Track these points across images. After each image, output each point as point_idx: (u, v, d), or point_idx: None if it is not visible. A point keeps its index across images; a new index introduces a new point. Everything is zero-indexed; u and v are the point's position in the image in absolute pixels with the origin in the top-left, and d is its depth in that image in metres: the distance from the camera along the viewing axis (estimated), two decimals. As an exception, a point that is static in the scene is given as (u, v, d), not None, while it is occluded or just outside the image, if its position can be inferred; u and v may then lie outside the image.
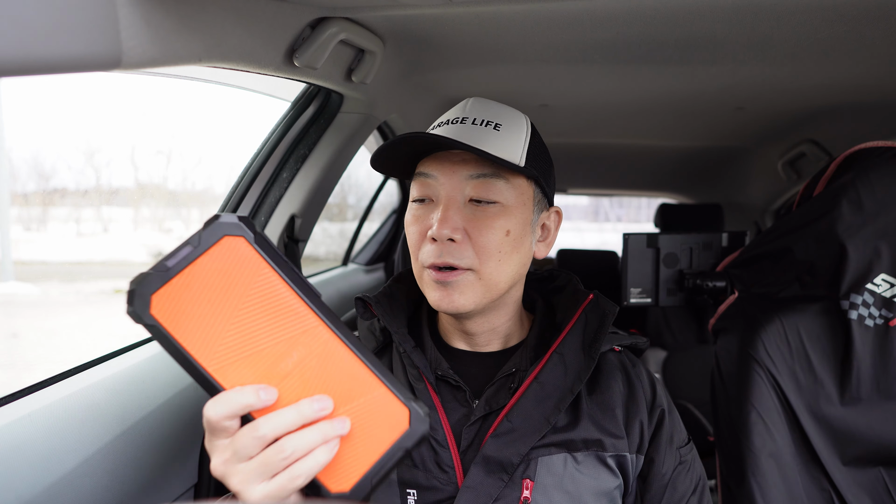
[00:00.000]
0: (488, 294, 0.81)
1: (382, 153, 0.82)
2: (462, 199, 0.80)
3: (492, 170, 0.80)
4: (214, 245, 0.51)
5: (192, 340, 0.51)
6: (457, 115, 0.85)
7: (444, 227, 0.77)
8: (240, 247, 0.51)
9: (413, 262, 0.85)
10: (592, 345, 0.84)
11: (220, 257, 0.51)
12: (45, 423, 0.88)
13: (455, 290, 0.79)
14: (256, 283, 0.51)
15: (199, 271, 0.51)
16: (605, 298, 0.90)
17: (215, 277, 0.51)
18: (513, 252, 0.82)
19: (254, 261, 0.52)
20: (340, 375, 0.53)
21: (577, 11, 1.01)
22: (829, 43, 1.14)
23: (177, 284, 0.50)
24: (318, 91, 1.39)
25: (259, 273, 0.52)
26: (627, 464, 0.83)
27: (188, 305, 0.50)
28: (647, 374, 0.91)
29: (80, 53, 0.55)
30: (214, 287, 0.51)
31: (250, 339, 0.51)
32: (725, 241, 1.60)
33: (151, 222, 5.25)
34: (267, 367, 0.52)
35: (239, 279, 0.51)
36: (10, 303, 3.70)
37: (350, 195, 3.03)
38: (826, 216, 1.13)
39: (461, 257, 0.78)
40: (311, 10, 0.94)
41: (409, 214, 0.85)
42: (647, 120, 2.02)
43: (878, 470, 1.11)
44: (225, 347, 0.51)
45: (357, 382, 0.53)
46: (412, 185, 0.85)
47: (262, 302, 0.52)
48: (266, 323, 0.52)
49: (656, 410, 0.87)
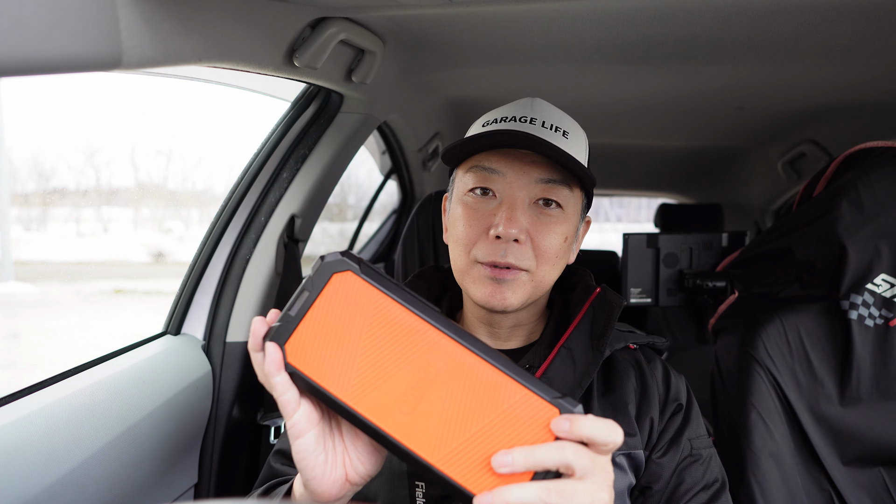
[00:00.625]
0: (535, 294, 0.83)
1: (461, 144, 0.80)
2: (528, 201, 0.80)
3: (561, 176, 0.80)
4: (327, 285, 0.54)
5: (328, 379, 0.53)
6: (524, 113, 0.84)
7: (511, 226, 0.77)
8: (350, 281, 0.54)
9: (460, 254, 0.83)
10: (600, 338, 0.84)
11: (335, 295, 0.54)
12: (45, 423, 0.88)
13: (508, 289, 0.79)
14: (374, 312, 0.54)
15: (319, 313, 0.54)
16: (613, 292, 0.90)
17: (335, 315, 0.54)
18: (564, 257, 0.84)
19: (366, 291, 0.54)
20: (478, 385, 0.52)
21: (577, 11, 1.01)
22: (829, 43, 1.14)
23: (304, 330, 0.54)
24: (318, 91, 1.39)
25: (373, 301, 0.54)
26: (639, 461, 0.83)
27: (318, 347, 0.54)
28: (663, 370, 0.90)
29: (80, 53, 0.55)
30: (337, 324, 0.54)
31: (381, 365, 0.53)
32: (725, 241, 1.60)
33: (151, 222, 5.25)
34: (404, 390, 0.53)
35: (357, 311, 0.54)
36: (10, 303, 3.70)
37: (350, 195, 3.03)
38: (826, 216, 1.13)
39: (522, 258, 0.79)
40: (311, 10, 0.94)
41: (462, 206, 0.83)
42: (647, 120, 2.02)
43: (878, 470, 1.11)
44: (360, 379, 0.53)
45: (496, 389, 0.52)
46: (468, 176, 0.83)
47: (384, 328, 0.54)
48: (392, 347, 0.53)
49: (670, 406, 0.87)
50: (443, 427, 0.52)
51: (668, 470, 0.83)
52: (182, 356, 1.27)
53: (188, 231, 5.64)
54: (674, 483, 0.83)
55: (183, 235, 5.46)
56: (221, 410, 1.35)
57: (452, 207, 0.87)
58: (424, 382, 0.53)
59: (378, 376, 0.53)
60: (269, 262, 1.41)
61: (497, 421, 0.51)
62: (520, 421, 0.51)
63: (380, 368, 0.53)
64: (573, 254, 0.90)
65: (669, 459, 0.83)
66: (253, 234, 1.39)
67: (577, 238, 0.90)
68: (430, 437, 0.52)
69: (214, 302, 1.37)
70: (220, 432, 1.35)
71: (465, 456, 0.51)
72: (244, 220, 1.38)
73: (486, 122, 0.85)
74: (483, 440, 0.51)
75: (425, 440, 0.52)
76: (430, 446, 0.51)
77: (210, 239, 1.37)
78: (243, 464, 1.40)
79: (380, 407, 0.52)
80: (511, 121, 0.83)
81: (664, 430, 0.85)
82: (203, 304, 1.37)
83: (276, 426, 1.40)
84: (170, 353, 1.25)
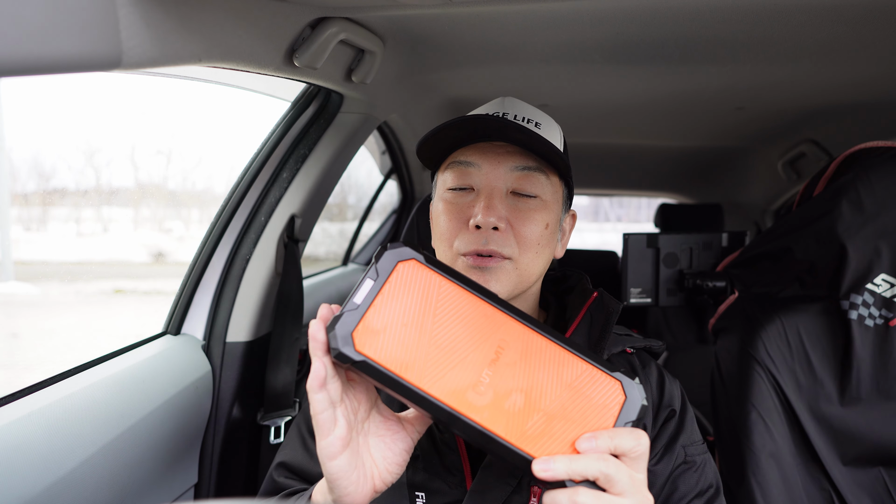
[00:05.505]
0: (520, 284, 0.82)
1: (433, 136, 0.81)
2: (505, 190, 0.81)
3: (536, 163, 0.81)
4: (392, 272, 0.55)
5: (402, 366, 0.53)
6: (496, 110, 0.85)
7: (490, 214, 0.78)
8: (415, 269, 0.56)
9: (444, 249, 0.84)
10: (598, 344, 0.84)
11: (401, 282, 0.55)
12: (45, 423, 0.88)
13: (493, 277, 0.79)
14: (441, 298, 0.55)
15: (386, 300, 0.54)
16: (610, 296, 0.89)
17: (403, 302, 0.55)
18: (547, 246, 0.84)
19: (432, 278, 0.56)
20: (544, 363, 0.55)
21: (577, 11, 1.01)
22: (829, 43, 1.14)
23: (371, 318, 0.54)
24: (318, 91, 1.39)
25: (440, 288, 0.55)
26: None
27: (387, 334, 0.54)
28: (658, 374, 0.89)
29: (80, 53, 0.55)
30: (405, 311, 0.54)
31: (452, 349, 0.54)
32: (725, 241, 1.60)
33: (151, 222, 5.25)
34: (475, 372, 0.54)
35: (424, 298, 0.55)
36: (10, 303, 3.70)
37: (350, 195, 3.03)
38: (826, 216, 1.13)
39: (504, 245, 0.79)
40: (311, 10, 0.94)
41: (442, 203, 0.84)
42: (647, 120, 2.02)
43: (878, 470, 1.11)
44: (433, 364, 0.54)
45: (561, 366, 0.55)
46: (447, 174, 0.85)
47: (452, 313, 0.55)
48: (461, 331, 0.55)
49: (663, 411, 0.85)
50: (518, 406, 0.54)
51: (662, 478, 0.82)
52: (182, 356, 1.27)
53: (188, 231, 5.63)
54: (667, 491, 0.81)
55: (183, 235, 5.46)
56: (221, 410, 1.35)
57: (434, 206, 0.88)
58: (496, 363, 0.54)
59: (449, 360, 0.54)
60: (269, 262, 1.41)
61: (568, 396, 0.54)
62: (588, 395, 0.54)
63: (450, 352, 0.54)
64: (560, 247, 0.90)
65: (663, 467, 0.82)
66: (253, 234, 1.39)
67: (563, 231, 0.90)
68: (507, 417, 0.53)
69: (214, 302, 1.37)
70: (220, 432, 1.35)
71: (543, 431, 0.53)
72: (244, 220, 1.38)
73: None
74: (557, 415, 0.54)
75: (503, 420, 0.53)
76: (508, 426, 0.53)
77: (210, 239, 1.37)
78: (243, 464, 1.40)
79: (454, 390, 0.53)
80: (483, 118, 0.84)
81: (657, 436, 0.84)
82: (203, 304, 1.37)
83: (276, 426, 1.40)
84: (170, 353, 1.25)
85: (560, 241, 0.90)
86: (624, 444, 0.53)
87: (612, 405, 0.54)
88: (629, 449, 0.53)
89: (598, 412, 0.54)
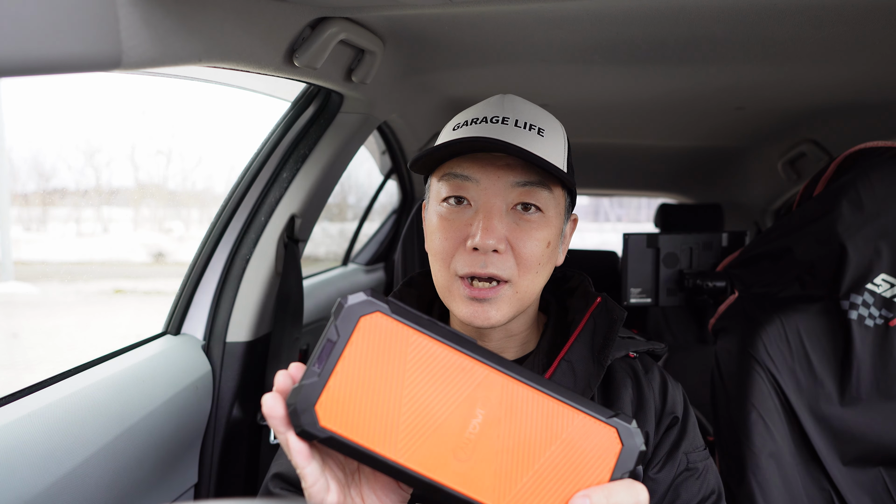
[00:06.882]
0: (521, 307, 0.79)
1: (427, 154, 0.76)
2: (504, 208, 0.76)
3: (538, 178, 0.76)
4: (354, 330, 0.48)
5: (373, 438, 0.47)
6: (495, 112, 0.79)
7: (489, 237, 0.73)
8: (380, 323, 0.49)
9: (440, 269, 0.79)
10: (602, 351, 0.82)
11: (366, 340, 0.48)
12: (45, 423, 0.88)
13: (492, 307, 0.76)
14: (412, 353, 0.49)
15: (350, 363, 0.48)
16: (614, 302, 0.87)
17: (369, 363, 0.48)
18: (548, 263, 0.80)
19: (400, 331, 0.49)
20: (531, 417, 0.49)
21: (578, 11, 1.01)
22: (830, 43, 1.14)
23: (335, 386, 0.47)
24: (318, 91, 1.39)
25: (409, 342, 0.49)
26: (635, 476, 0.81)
27: (354, 403, 0.48)
28: (661, 379, 0.87)
29: (80, 53, 0.55)
30: (372, 373, 0.48)
31: (428, 413, 0.48)
32: (725, 241, 1.60)
33: (151, 222, 5.25)
34: (456, 436, 0.48)
35: (393, 355, 0.48)
36: (10, 303, 3.70)
37: (350, 195, 3.03)
38: (826, 216, 1.13)
39: (503, 268, 0.75)
40: (311, 10, 0.94)
41: (437, 216, 0.79)
42: (647, 120, 2.02)
43: (878, 470, 1.11)
44: (407, 432, 0.48)
45: (550, 418, 0.49)
46: (441, 184, 0.79)
47: (425, 370, 0.49)
48: (437, 390, 0.48)
49: (666, 418, 0.84)
50: (506, 468, 0.48)
51: (664, 486, 0.81)
52: (182, 356, 1.28)
53: (188, 231, 5.63)
54: (670, 498, 0.81)
55: (183, 235, 5.46)
56: (221, 410, 1.35)
57: (429, 217, 0.83)
58: (479, 424, 0.48)
59: (426, 425, 0.48)
60: (269, 262, 1.41)
61: (559, 451, 0.49)
62: (580, 448, 0.49)
63: (427, 416, 0.48)
64: (561, 255, 0.86)
65: (665, 475, 0.81)
66: (253, 234, 1.39)
67: (564, 238, 0.86)
68: (494, 482, 0.48)
69: (214, 302, 1.37)
70: (220, 432, 1.35)
71: (533, 493, 0.48)
72: (244, 220, 1.38)
73: (457, 125, 0.81)
74: (548, 473, 0.49)
75: (490, 486, 0.48)
76: (496, 492, 0.48)
77: (210, 239, 1.37)
78: (243, 464, 1.40)
79: (434, 459, 0.48)
80: (482, 122, 0.79)
81: (660, 444, 0.83)
82: (203, 304, 1.37)
83: (276, 426, 1.40)
84: (170, 353, 1.25)
85: (561, 247, 0.86)
86: (620, 501, 0.48)
87: (608, 455, 0.49)
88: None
89: (592, 464, 0.49)
